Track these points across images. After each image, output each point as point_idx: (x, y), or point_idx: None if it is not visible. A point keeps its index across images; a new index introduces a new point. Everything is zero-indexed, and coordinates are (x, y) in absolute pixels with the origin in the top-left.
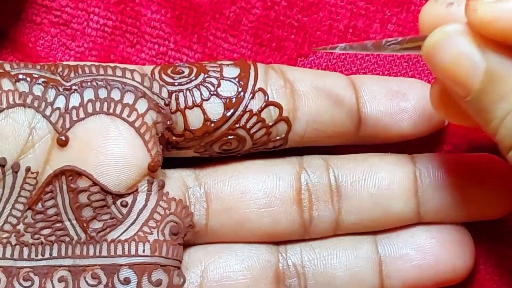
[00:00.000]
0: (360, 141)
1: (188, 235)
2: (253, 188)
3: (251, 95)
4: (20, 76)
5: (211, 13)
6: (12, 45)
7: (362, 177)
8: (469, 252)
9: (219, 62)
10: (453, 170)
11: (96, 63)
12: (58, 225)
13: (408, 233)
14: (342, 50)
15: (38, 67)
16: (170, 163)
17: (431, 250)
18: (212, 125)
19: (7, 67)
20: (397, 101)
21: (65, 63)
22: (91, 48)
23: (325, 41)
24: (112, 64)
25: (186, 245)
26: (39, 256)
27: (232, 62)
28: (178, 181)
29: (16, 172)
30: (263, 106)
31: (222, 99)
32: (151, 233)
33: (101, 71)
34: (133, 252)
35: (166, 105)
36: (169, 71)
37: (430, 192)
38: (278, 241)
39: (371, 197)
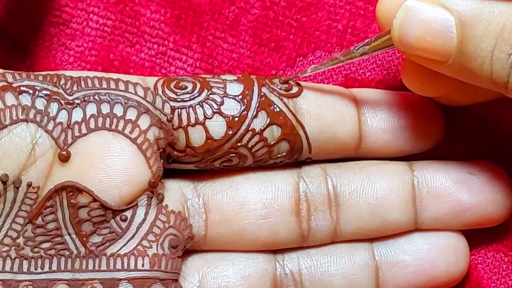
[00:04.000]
0: (360, 156)
1: (187, 245)
2: (252, 199)
3: (254, 113)
4: (23, 88)
5: (210, 13)
6: (11, 44)
7: (360, 187)
8: (464, 258)
9: (223, 77)
10: (451, 178)
11: (99, 75)
12: (58, 239)
13: (404, 240)
14: (313, 70)
15: (41, 78)
16: (168, 172)
17: (427, 256)
18: (214, 143)
19: (9, 77)
20: (398, 119)
21: (67, 74)
22: (90, 47)
23: (323, 41)
24: (115, 76)
25: (184, 253)
26: (39, 270)
27: (235, 78)
28: (176, 192)
29: (18, 188)
30: (265, 125)
31: (225, 118)
32: (150, 247)
33: (104, 84)
34: (132, 266)
35: (168, 121)
36: (172, 86)
37: (427, 201)
38: (276, 249)
39: (369, 206)
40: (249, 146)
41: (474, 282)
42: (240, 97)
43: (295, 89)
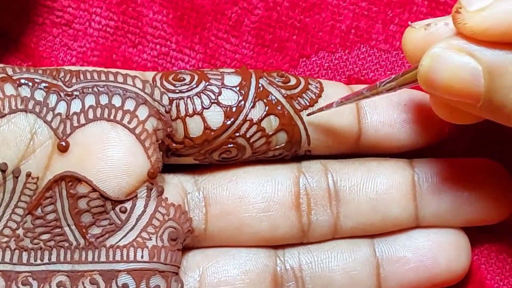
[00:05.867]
0: (360, 151)
1: (187, 240)
2: (252, 193)
3: (251, 104)
4: (22, 81)
5: (213, 14)
6: (14, 45)
7: (360, 182)
8: (465, 254)
9: (221, 70)
10: (452, 175)
11: (98, 69)
12: (57, 230)
13: (406, 236)
14: (339, 105)
15: (40, 71)
16: (169, 167)
17: (428, 252)
18: (212, 133)
19: (9, 71)
20: (398, 113)
21: (67, 68)
22: (93, 48)
23: (327, 42)
24: (113, 70)
25: (185, 249)
26: (38, 261)
27: (233, 70)
28: (177, 186)
29: (17, 177)
30: (263, 115)
31: (223, 108)
32: (150, 239)
33: (103, 77)
34: (131, 258)
35: (166, 112)
36: (170, 78)
37: (428, 197)
38: (277, 245)
39: (370, 201)
40: (247, 136)
41: (477, 282)
42: (237, 87)
43: (293, 81)
